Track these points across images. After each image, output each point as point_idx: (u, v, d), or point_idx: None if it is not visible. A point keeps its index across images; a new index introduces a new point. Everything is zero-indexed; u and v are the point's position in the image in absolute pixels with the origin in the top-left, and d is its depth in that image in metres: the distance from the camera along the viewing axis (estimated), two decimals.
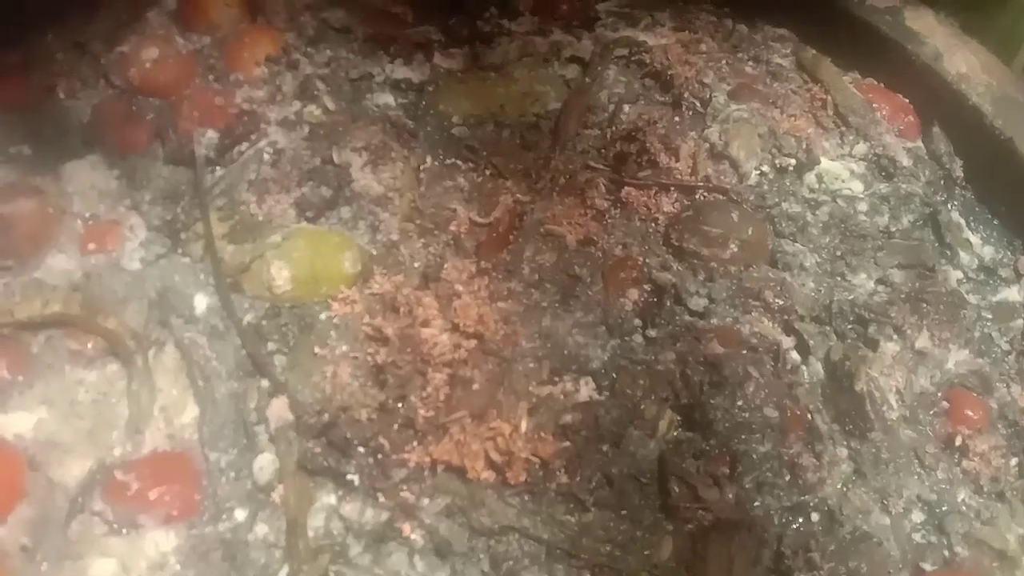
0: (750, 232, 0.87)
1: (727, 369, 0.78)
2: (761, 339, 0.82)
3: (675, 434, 0.76)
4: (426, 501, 0.70)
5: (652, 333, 0.82)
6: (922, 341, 0.83)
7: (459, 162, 0.93)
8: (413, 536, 0.68)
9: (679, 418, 0.78)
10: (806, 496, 0.74)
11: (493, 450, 0.72)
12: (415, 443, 0.72)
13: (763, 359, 0.81)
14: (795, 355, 0.82)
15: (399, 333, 0.77)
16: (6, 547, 0.70)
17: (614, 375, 0.79)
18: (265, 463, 0.73)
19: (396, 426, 0.73)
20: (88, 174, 0.91)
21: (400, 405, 0.75)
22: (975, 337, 0.85)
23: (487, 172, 0.92)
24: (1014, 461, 0.79)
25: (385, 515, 0.70)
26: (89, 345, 0.79)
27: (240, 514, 0.71)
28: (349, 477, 0.71)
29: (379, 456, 0.72)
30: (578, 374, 0.79)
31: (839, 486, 0.75)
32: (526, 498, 0.72)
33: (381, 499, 0.71)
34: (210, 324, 0.81)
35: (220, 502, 0.72)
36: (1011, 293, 0.90)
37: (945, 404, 0.81)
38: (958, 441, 0.78)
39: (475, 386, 0.75)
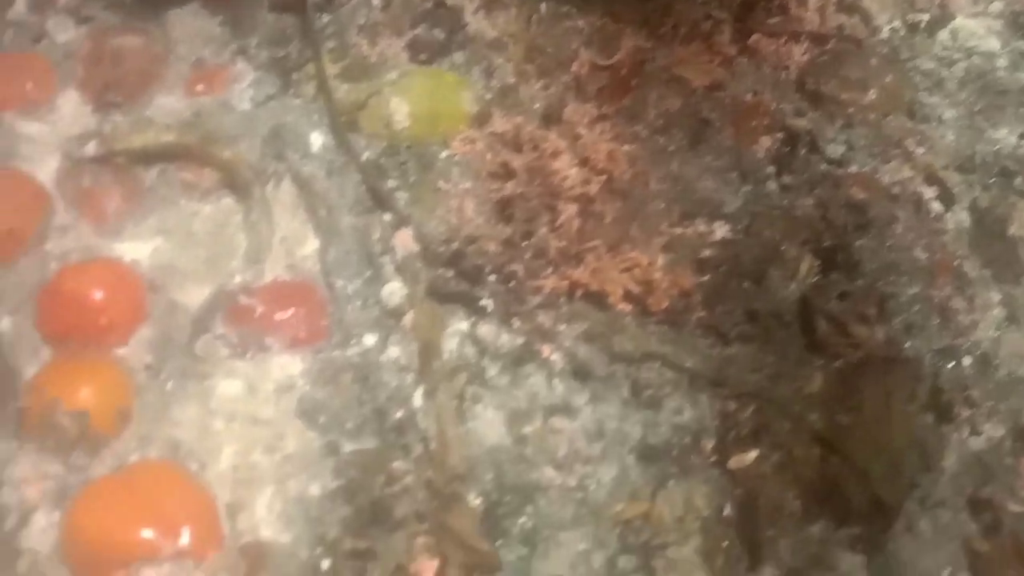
0: (889, 79, 0.82)
1: (872, 211, 0.75)
2: (902, 188, 0.78)
3: (815, 279, 0.73)
4: (563, 327, 0.67)
5: (787, 180, 0.78)
6: None
7: (574, 9, 0.88)
8: (553, 357, 0.66)
9: (819, 263, 0.74)
10: (958, 339, 0.70)
11: (630, 280, 0.69)
12: (550, 270, 0.69)
13: (905, 207, 0.77)
14: (937, 205, 0.78)
15: (527, 166, 0.74)
16: (131, 365, 0.68)
17: (748, 220, 0.75)
18: (394, 290, 0.70)
19: (528, 255, 0.70)
20: (191, 20, 0.87)
21: (529, 238, 0.72)
22: None
23: (605, 19, 0.87)
24: None
25: (521, 339, 0.67)
26: (204, 178, 0.76)
27: (370, 339, 0.68)
28: (482, 303, 0.68)
29: (512, 283, 0.69)
30: (710, 218, 0.75)
31: (992, 331, 0.71)
32: (666, 328, 0.68)
33: (516, 324, 0.68)
34: (327, 160, 0.77)
35: (348, 327, 0.69)
36: None
37: None
38: None
39: (607, 220, 0.73)
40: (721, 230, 0.74)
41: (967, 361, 0.70)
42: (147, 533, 0.58)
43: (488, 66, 0.84)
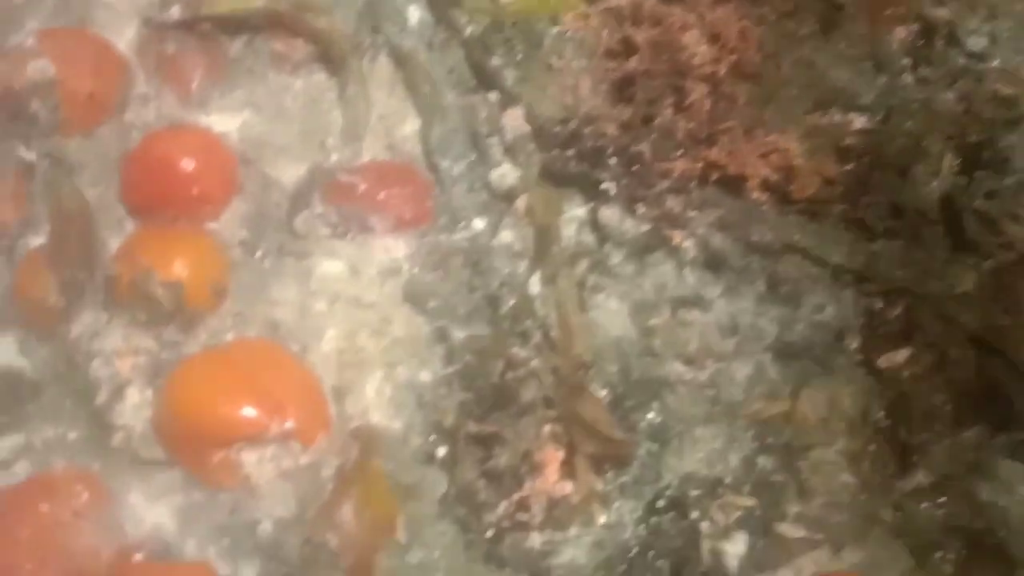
0: None
1: (1022, 105, 0.70)
2: None
3: (960, 178, 0.66)
4: (694, 213, 0.62)
5: (925, 72, 0.71)
6: None
7: None
8: (684, 245, 0.60)
9: (961, 161, 0.67)
10: None
11: (768, 166, 0.63)
12: (680, 152, 0.63)
13: None
14: None
15: (651, 41, 0.67)
16: (226, 240, 0.62)
17: (885, 113, 0.68)
18: (505, 172, 0.64)
19: (655, 136, 0.64)
20: None
21: (652, 120, 0.66)
22: None
23: None
24: None
25: (647, 226, 0.61)
26: (295, 49, 0.71)
27: (479, 223, 0.63)
28: (604, 186, 0.63)
29: (637, 165, 0.63)
30: (846, 108, 0.68)
31: None
32: (807, 219, 0.62)
33: (641, 210, 0.62)
34: (426, 36, 0.71)
35: (455, 211, 0.63)
36: None
37: None
38: None
39: (740, 103, 0.66)
40: (859, 121, 0.68)
41: None
42: (250, 411, 0.53)
43: None
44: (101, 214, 0.63)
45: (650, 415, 0.57)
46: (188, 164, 0.63)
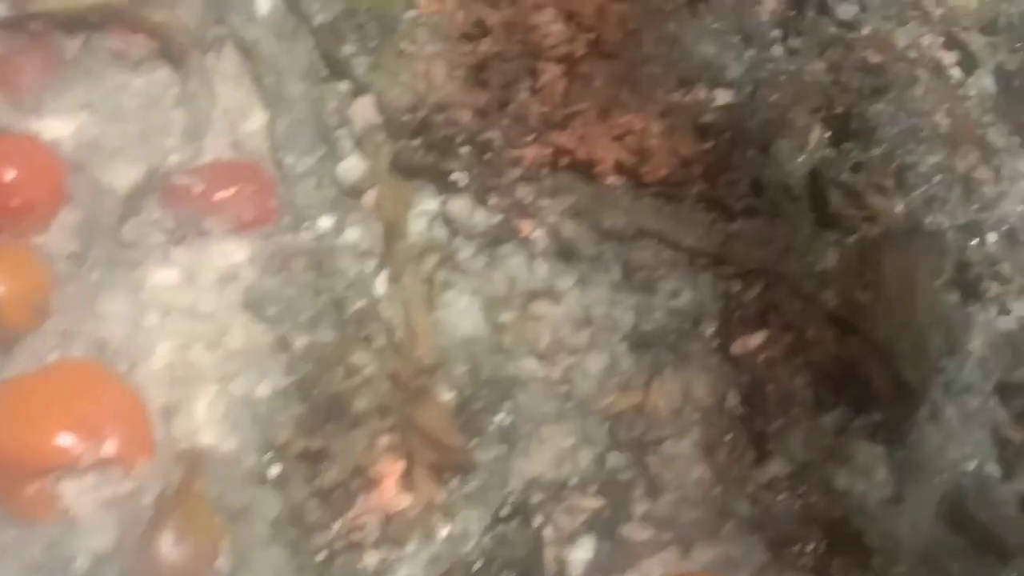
0: None
1: (890, 74, 0.62)
2: (920, 52, 0.65)
3: (827, 149, 0.60)
4: (546, 201, 0.56)
5: (795, 43, 0.65)
6: None
7: None
8: (534, 236, 0.54)
9: (829, 133, 0.61)
10: (982, 213, 0.59)
11: (622, 148, 0.57)
12: (531, 137, 0.57)
13: (924, 72, 0.65)
14: (958, 71, 0.65)
15: (504, 22, 0.60)
16: (51, 253, 0.55)
17: (752, 87, 0.63)
18: (351, 166, 0.58)
19: (507, 122, 0.58)
20: None
21: (507, 104, 0.59)
22: None
23: None
24: None
25: (498, 217, 0.56)
26: (134, 46, 0.64)
27: (325, 221, 0.56)
28: (454, 177, 0.56)
29: (488, 154, 0.57)
30: (711, 84, 0.63)
31: (1020, 205, 0.60)
32: (663, 202, 0.57)
33: (493, 200, 0.56)
34: (275, 24, 0.63)
35: (300, 209, 0.57)
36: None
37: None
38: None
39: (596, 83, 0.60)
40: (723, 96, 0.62)
41: (992, 238, 0.59)
42: (65, 439, 0.47)
43: None
44: None
45: (499, 416, 0.51)
46: (7, 174, 0.55)
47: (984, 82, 0.66)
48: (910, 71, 0.63)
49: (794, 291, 0.54)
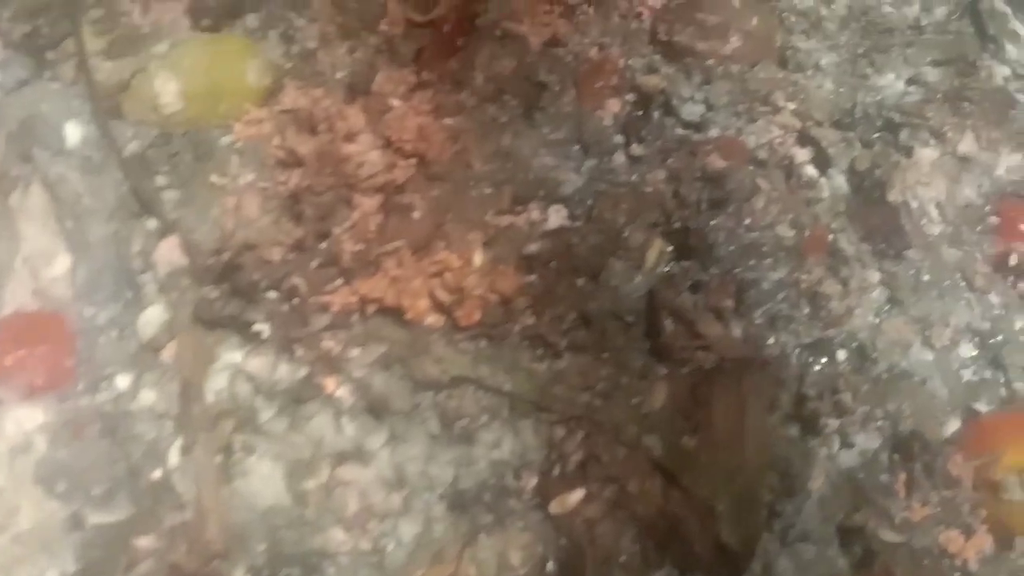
0: (755, 22, 0.65)
1: (731, 183, 0.59)
2: (771, 151, 0.62)
3: (667, 268, 0.58)
4: (356, 351, 0.52)
5: (638, 150, 0.62)
6: (966, 144, 0.63)
7: None
8: (339, 393, 0.51)
9: (671, 248, 0.59)
10: (830, 330, 0.57)
11: (439, 287, 0.53)
12: (340, 282, 0.53)
13: (773, 174, 0.62)
14: (812, 169, 0.63)
15: (317, 152, 0.57)
16: None
17: (591, 201, 0.60)
18: (152, 317, 0.54)
19: (316, 264, 0.54)
20: None
21: (322, 240, 0.56)
22: None
23: None
24: None
25: (304, 370, 0.52)
26: None
27: (123, 380, 0.53)
28: (257, 327, 0.52)
29: (295, 300, 0.53)
30: (547, 201, 0.60)
31: (871, 317, 0.58)
32: (483, 343, 0.53)
33: (299, 352, 0.52)
34: (84, 157, 0.60)
35: (98, 367, 0.53)
36: None
37: (995, 219, 0.62)
38: (1013, 260, 0.60)
39: (415, 214, 0.56)
40: (557, 216, 0.59)
41: (842, 355, 0.56)
42: None
43: (287, 29, 0.65)
44: None
45: None
46: None
47: (837, 182, 0.63)
48: (753, 178, 0.60)
49: (617, 438, 0.51)
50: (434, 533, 0.49)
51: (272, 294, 0.54)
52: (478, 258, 0.55)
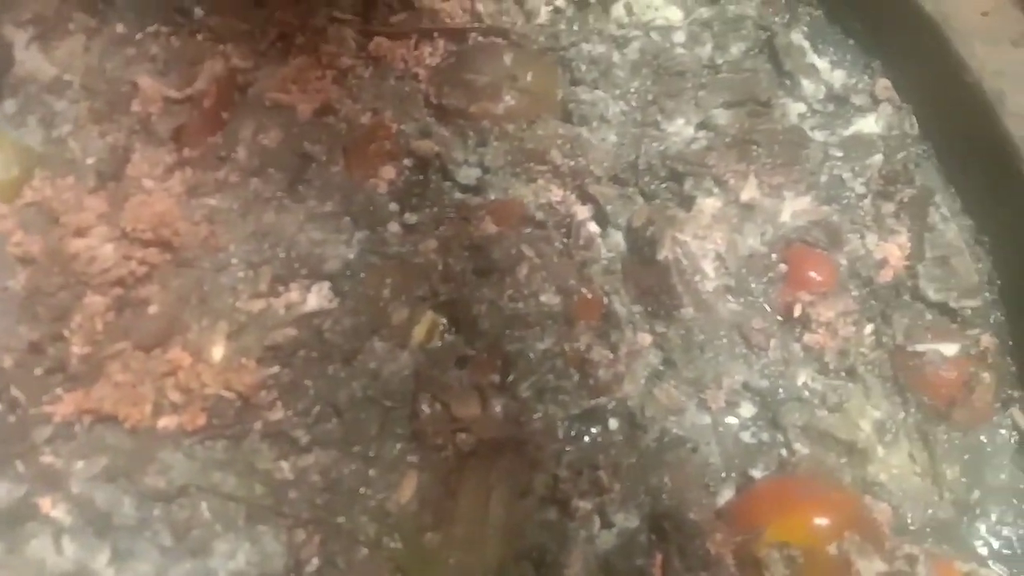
0: (530, 78, 0.63)
1: (496, 252, 0.56)
2: (550, 212, 0.60)
3: (438, 342, 0.55)
4: (80, 464, 0.49)
5: (412, 219, 0.60)
6: (748, 192, 0.61)
7: (163, 28, 0.66)
8: (54, 513, 0.47)
9: (444, 321, 0.56)
10: (600, 399, 0.54)
11: (171, 389, 0.51)
12: (60, 391, 0.50)
13: (552, 235, 0.59)
14: (593, 227, 0.61)
15: (46, 249, 0.54)
16: None
17: (363, 274, 0.57)
18: None
19: (40, 371, 0.51)
20: None
21: (55, 343, 0.53)
22: (820, 181, 0.64)
23: (198, 36, 0.65)
24: (868, 328, 0.58)
25: (23, 489, 0.49)
26: None
27: None
28: None
29: (14, 413, 0.50)
30: (311, 279, 0.57)
31: (642, 382, 0.55)
32: (219, 446, 0.50)
33: (20, 468, 0.49)
34: None
35: None
36: (867, 124, 0.67)
37: (783, 267, 0.59)
38: (797, 311, 0.58)
39: (152, 309, 0.53)
40: (317, 296, 0.56)
41: (613, 424, 0.54)
42: None
43: (46, 113, 0.63)
44: None
45: None
46: None
47: (615, 240, 0.61)
48: (518, 245, 0.57)
49: (357, 539, 0.49)
50: None
51: None
52: (217, 353, 0.53)
